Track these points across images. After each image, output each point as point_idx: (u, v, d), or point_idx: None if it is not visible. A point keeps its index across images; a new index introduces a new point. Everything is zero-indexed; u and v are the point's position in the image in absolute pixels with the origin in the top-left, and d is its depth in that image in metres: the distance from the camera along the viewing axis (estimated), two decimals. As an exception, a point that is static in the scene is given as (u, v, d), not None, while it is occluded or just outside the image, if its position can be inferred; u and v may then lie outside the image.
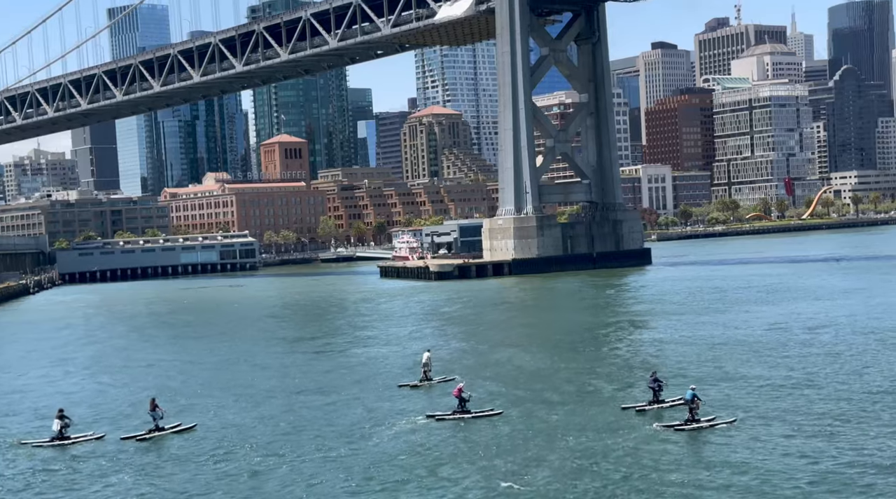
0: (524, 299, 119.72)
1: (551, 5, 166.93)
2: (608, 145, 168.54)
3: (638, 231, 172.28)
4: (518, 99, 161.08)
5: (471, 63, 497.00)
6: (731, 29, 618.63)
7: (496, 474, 35.20)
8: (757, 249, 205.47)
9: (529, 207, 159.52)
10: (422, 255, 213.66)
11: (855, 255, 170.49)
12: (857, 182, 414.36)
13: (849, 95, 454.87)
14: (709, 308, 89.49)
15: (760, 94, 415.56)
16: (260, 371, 63.23)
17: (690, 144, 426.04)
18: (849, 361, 54.94)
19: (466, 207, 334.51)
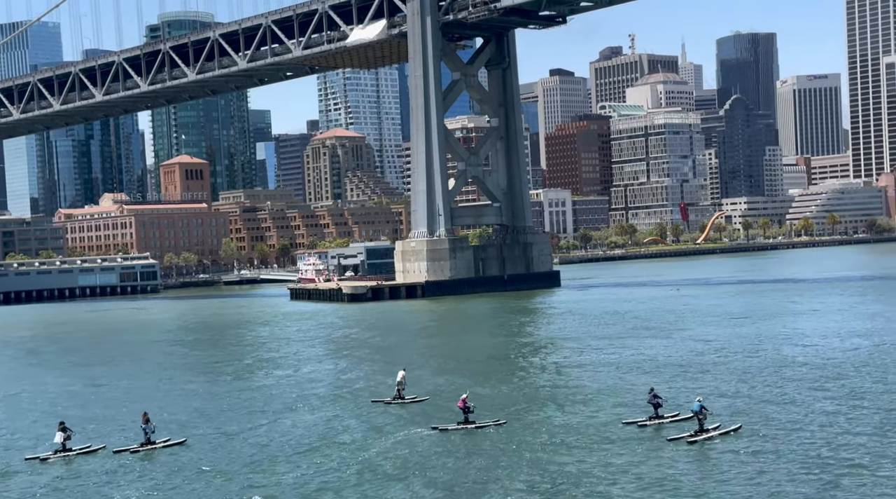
0: (461, 320, 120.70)
1: (462, 30, 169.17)
2: (518, 169, 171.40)
3: (547, 254, 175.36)
4: (431, 122, 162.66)
5: (373, 86, 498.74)
6: (626, 58, 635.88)
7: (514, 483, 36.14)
8: (658, 272, 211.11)
9: (442, 229, 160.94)
10: (328, 277, 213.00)
11: (751, 278, 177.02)
12: (747, 208, 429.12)
13: (738, 124, 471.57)
14: (628, 330, 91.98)
15: (655, 122, 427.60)
16: (217, 393, 62.55)
17: (589, 169, 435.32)
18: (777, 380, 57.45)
19: (371, 229, 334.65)
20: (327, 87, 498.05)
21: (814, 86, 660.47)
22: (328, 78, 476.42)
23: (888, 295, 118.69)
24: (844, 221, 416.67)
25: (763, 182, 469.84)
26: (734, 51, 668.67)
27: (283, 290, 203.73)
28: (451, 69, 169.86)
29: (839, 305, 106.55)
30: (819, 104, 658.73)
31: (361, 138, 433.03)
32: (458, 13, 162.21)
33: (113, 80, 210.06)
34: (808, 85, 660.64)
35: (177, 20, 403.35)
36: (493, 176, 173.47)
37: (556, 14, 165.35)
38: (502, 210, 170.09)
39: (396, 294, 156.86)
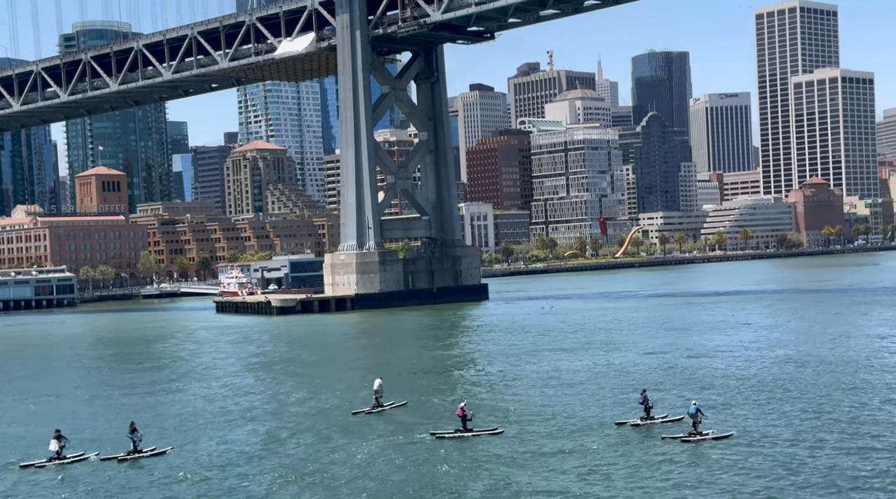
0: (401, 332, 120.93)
1: (392, 45, 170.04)
2: (447, 183, 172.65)
3: (476, 267, 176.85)
4: (360, 136, 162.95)
5: (294, 98, 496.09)
6: (544, 74, 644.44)
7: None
8: (581, 285, 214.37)
9: (372, 242, 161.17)
10: (252, 290, 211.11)
11: (677, 291, 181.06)
12: (663, 223, 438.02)
13: (654, 141, 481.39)
14: (563, 342, 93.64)
15: (575, 137, 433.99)
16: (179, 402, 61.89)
17: (510, 184, 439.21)
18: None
19: (293, 242, 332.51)
20: (248, 99, 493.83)
21: (725, 104, 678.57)
22: (248, 90, 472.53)
23: (799, 307, 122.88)
24: (756, 235, 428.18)
25: (678, 197, 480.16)
26: (649, 69, 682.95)
27: (206, 303, 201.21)
28: (380, 83, 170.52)
29: (755, 318, 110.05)
30: (730, 122, 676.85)
31: (283, 151, 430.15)
32: (388, 27, 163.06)
33: (31, 90, 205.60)
34: (720, 103, 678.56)
35: (93, 30, 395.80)
36: (422, 189, 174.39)
37: (484, 30, 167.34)
38: (431, 223, 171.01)
39: (326, 307, 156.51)
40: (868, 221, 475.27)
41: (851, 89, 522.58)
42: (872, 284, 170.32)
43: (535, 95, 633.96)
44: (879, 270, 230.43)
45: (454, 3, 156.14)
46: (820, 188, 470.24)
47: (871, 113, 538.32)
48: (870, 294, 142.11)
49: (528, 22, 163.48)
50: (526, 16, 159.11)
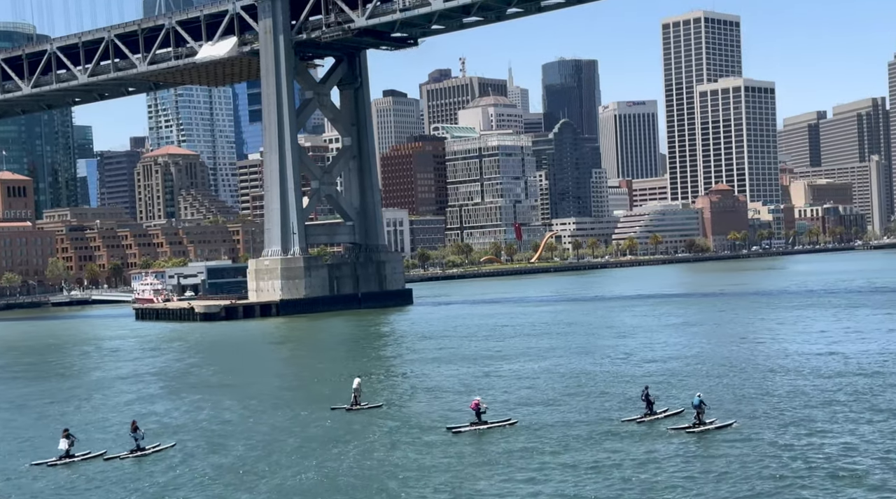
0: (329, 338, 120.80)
1: (315, 50, 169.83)
2: (371, 188, 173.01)
3: (400, 272, 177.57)
4: (284, 141, 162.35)
5: (206, 103, 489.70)
6: (457, 80, 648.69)
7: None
8: (501, 290, 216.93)
9: (297, 247, 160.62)
10: (167, 297, 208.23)
11: (599, 295, 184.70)
12: (576, 228, 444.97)
13: (566, 147, 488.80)
14: (489, 343, 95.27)
15: (489, 144, 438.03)
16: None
17: (425, 190, 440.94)
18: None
19: (207, 249, 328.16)
20: (158, 103, 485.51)
21: (633, 111, 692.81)
22: (159, 94, 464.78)
23: (712, 310, 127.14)
24: (666, 241, 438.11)
25: (590, 203, 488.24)
26: (559, 76, 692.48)
27: (122, 310, 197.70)
28: (303, 88, 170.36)
29: (672, 320, 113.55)
30: (638, 129, 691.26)
31: (195, 156, 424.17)
32: (312, 33, 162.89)
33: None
34: (628, 111, 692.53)
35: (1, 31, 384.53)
36: (346, 195, 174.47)
37: (407, 36, 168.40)
38: (355, 229, 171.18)
39: (251, 313, 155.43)
40: (771, 226, 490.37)
41: (754, 98, 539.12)
42: (779, 287, 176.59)
43: (448, 102, 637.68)
44: (784, 274, 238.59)
45: (378, 10, 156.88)
46: (725, 194, 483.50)
47: (772, 121, 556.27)
48: (775, 297, 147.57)
49: (451, 29, 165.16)
50: (450, 23, 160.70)
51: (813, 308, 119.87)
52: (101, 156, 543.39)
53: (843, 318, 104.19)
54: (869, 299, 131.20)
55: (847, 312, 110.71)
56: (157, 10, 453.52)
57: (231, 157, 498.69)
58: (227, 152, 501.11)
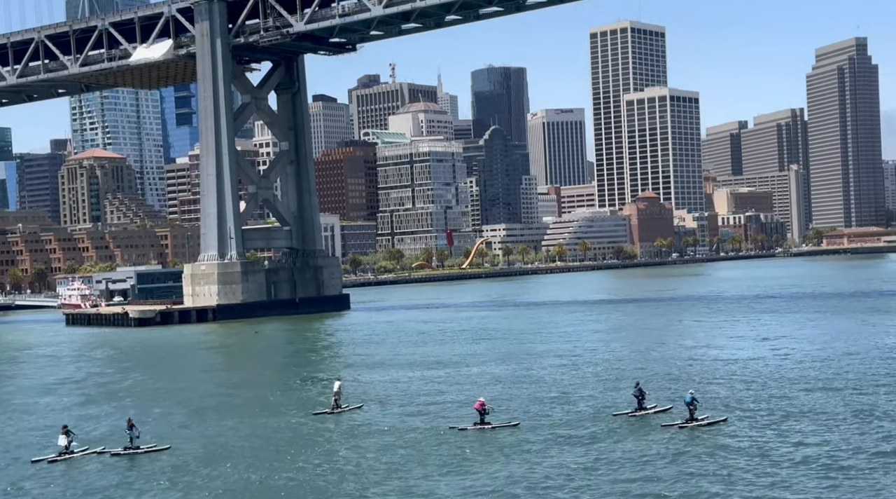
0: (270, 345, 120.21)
1: (253, 54, 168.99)
2: (308, 193, 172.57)
3: (337, 277, 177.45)
4: (221, 145, 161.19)
5: (133, 106, 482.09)
6: (387, 86, 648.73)
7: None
8: (435, 296, 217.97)
9: (234, 252, 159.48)
10: (95, 302, 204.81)
11: (536, 300, 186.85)
12: (506, 234, 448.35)
13: (497, 154, 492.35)
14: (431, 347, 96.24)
15: (420, 150, 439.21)
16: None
17: (356, 195, 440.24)
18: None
19: (135, 253, 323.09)
20: (82, 105, 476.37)
21: (561, 119, 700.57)
22: (83, 96, 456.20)
23: (642, 315, 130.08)
24: (594, 247, 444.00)
25: (520, 210, 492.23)
26: (488, 83, 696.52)
27: (50, 315, 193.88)
28: (240, 92, 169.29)
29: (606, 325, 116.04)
30: (566, 137, 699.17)
31: (122, 159, 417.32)
32: (249, 36, 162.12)
33: None
34: (556, 118, 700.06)
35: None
36: (284, 199, 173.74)
37: (346, 41, 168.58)
38: (293, 234, 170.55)
39: (187, 318, 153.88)
40: (696, 233, 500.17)
41: (679, 108, 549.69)
42: (700, 293, 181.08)
43: (378, 107, 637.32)
44: (707, 280, 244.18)
45: (317, 15, 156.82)
46: (652, 202, 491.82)
47: (696, 130, 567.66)
48: (693, 302, 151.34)
49: (390, 35, 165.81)
50: (389, 29, 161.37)
51: (730, 313, 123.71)
52: (20, 158, 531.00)
53: (755, 322, 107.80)
54: (785, 305, 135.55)
55: (761, 317, 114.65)
56: (81, 13, 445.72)
57: (158, 160, 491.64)
58: (154, 156, 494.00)
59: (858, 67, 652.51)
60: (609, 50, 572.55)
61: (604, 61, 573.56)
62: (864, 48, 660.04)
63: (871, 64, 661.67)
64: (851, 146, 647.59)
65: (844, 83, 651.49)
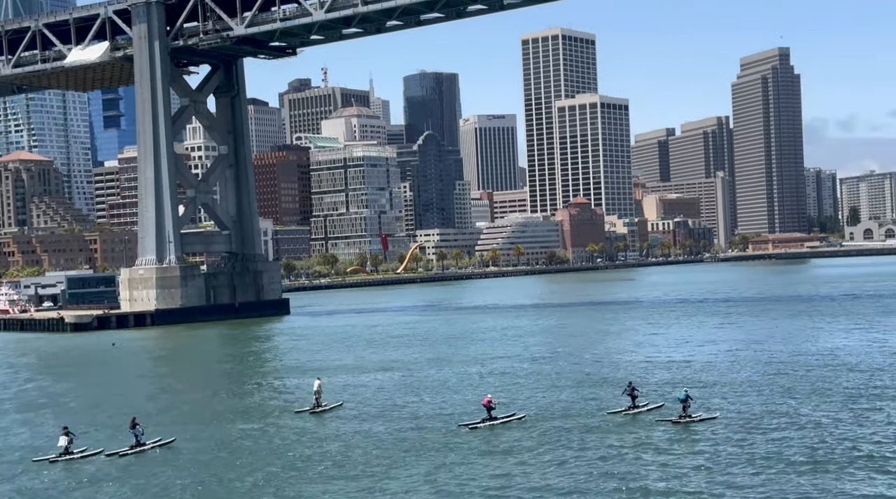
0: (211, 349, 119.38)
1: (191, 57, 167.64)
2: (248, 197, 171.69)
3: (277, 282, 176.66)
4: (160, 148, 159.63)
5: (60, 108, 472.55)
6: (319, 90, 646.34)
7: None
8: (374, 300, 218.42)
9: (172, 256, 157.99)
10: (24, 307, 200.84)
11: (450, 305, 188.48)
12: (440, 239, 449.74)
13: (431, 159, 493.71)
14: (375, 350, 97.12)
15: (354, 154, 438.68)
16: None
17: (289, 199, 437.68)
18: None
19: (62, 257, 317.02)
20: (7, 107, 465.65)
21: (493, 125, 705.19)
22: (8, 98, 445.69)
23: (578, 320, 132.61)
24: (528, 252, 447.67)
25: (454, 215, 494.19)
26: (420, 88, 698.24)
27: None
28: (179, 95, 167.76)
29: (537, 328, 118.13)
30: (498, 142, 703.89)
31: (49, 162, 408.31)
32: (188, 39, 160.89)
33: None
34: (488, 124, 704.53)
35: None
36: (223, 203, 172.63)
37: (286, 45, 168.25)
38: (232, 238, 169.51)
39: (124, 323, 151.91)
40: (626, 238, 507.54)
41: (609, 114, 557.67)
42: (630, 297, 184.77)
43: (310, 111, 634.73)
44: (637, 285, 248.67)
45: (258, 18, 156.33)
46: (583, 207, 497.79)
47: (626, 137, 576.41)
48: (619, 306, 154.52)
49: (331, 39, 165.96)
50: (330, 33, 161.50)
51: (650, 316, 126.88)
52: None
53: (668, 324, 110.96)
54: (706, 308, 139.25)
55: (683, 320, 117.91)
56: (3, 14, 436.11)
57: (86, 163, 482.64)
58: (81, 159, 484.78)
59: (781, 77, 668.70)
60: (540, 56, 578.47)
61: (535, 68, 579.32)
62: (787, 58, 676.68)
63: (794, 74, 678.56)
64: (775, 154, 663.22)
65: (768, 92, 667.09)
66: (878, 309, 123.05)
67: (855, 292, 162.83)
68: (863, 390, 57.57)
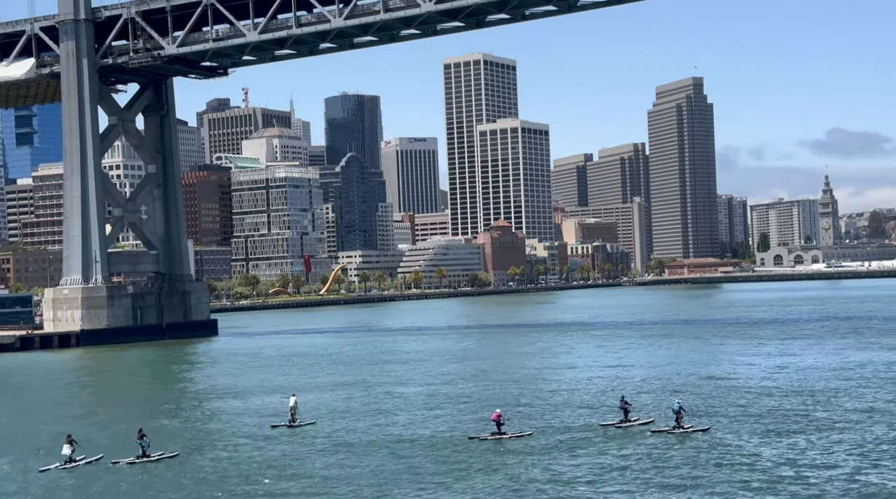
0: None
1: (120, 75, 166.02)
2: (176, 216, 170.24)
3: (205, 302, 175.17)
4: (87, 167, 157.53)
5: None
6: (240, 110, 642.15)
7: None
8: (301, 322, 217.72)
9: (99, 276, 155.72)
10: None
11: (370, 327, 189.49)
12: (362, 261, 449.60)
13: (353, 181, 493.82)
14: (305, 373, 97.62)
15: (276, 175, 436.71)
16: None
17: (209, 220, 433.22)
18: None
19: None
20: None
21: (415, 148, 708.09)
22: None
23: (501, 341, 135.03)
24: (450, 274, 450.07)
25: (376, 237, 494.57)
26: (341, 110, 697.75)
27: None
28: (107, 113, 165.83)
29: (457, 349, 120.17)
30: (420, 165, 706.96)
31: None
32: (118, 58, 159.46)
33: None
34: (410, 147, 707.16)
35: None
36: (150, 223, 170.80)
37: (218, 66, 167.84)
38: (160, 258, 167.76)
39: (48, 343, 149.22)
40: (546, 262, 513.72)
41: (530, 139, 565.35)
42: (551, 319, 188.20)
43: (231, 131, 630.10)
44: (557, 308, 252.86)
45: (190, 38, 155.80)
46: (505, 231, 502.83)
47: (546, 162, 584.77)
48: (543, 328, 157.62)
49: (263, 61, 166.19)
50: (262, 55, 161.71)
51: (569, 337, 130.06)
52: None
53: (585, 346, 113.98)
54: (624, 332, 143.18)
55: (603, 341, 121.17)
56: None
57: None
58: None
59: (695, 106, 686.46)
60: (462, 81, 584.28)
61: (457, 92, 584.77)
62: (701, 87, 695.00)
63: (707, 103, 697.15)
64: (689, 180, 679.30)
65: (682, 120, 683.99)
66: (783, 333, 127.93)
67: (765, 317, 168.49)
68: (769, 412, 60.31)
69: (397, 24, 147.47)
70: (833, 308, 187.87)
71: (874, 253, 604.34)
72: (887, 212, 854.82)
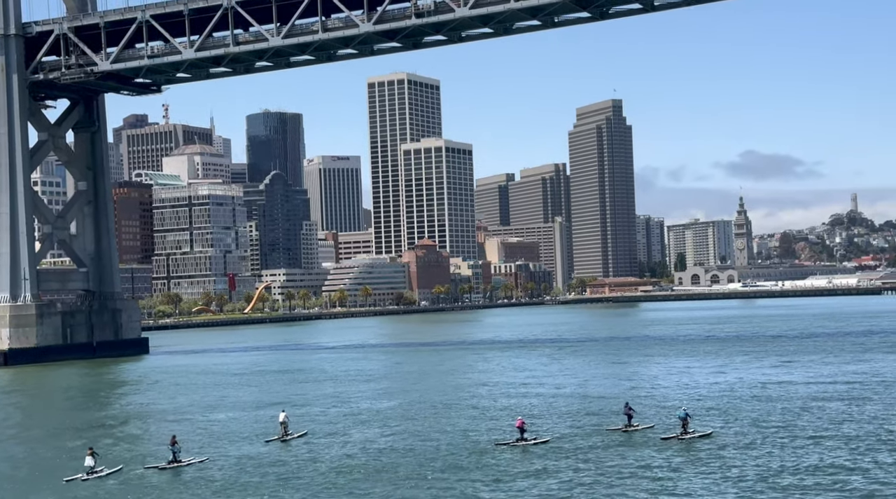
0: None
1: (51, 91, 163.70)
2: (107, 234, 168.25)
3: (136, 320, 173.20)
4: (16, 183, 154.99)
5: None
6: (160, 127, 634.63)
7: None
8: (228, 340, 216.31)
9: (28, 294, 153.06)
10: None
11: (294, 345, 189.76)
12: (286, 280, 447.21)
13: (277, 198, 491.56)
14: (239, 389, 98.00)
15: (199, 192, 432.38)
16: None
17: (130, 237, 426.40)
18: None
19: None
20: None
21: (338, 166, 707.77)
22: None
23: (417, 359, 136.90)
24: (375, 293, 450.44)
25: (300, 255, 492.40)
26: (263, 128, 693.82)
27: None
28: (37, 129, 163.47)
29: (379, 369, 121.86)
30: (343, 184, 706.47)
31: None
32: (49, 73, 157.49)
33: None
34: (333, 165, 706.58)
35: None
36: (80, 240, 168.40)
37: (151, 82, 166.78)
38: (90, 275, 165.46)
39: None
40: (471, 280, 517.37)
41: (453, 159, 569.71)
42: (472, 337, 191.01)
43: (150, 148, 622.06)
44: (482, 326, 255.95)
45: (124, 55, 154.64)
46: (429, 249, 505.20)
47: (469, 181, 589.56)
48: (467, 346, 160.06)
49: (198, 78, 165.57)
50: (197, 72, 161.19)
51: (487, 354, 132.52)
52: None
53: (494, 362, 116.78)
54: (543, 348, 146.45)
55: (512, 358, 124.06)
56: None
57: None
58: None
59: (615, 127, 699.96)
60: (386, 100, 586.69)
61: (381, 111, 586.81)
62: (620, 110, 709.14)
63: (626, 124, 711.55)
64: (609, 201, 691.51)
65: (602, 142, 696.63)
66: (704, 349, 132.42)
67: (682, 334, 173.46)
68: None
69: (335, 43, 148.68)
70: (754, 328, 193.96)
71: (786, 273, 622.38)
72: (797, 233, 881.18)
